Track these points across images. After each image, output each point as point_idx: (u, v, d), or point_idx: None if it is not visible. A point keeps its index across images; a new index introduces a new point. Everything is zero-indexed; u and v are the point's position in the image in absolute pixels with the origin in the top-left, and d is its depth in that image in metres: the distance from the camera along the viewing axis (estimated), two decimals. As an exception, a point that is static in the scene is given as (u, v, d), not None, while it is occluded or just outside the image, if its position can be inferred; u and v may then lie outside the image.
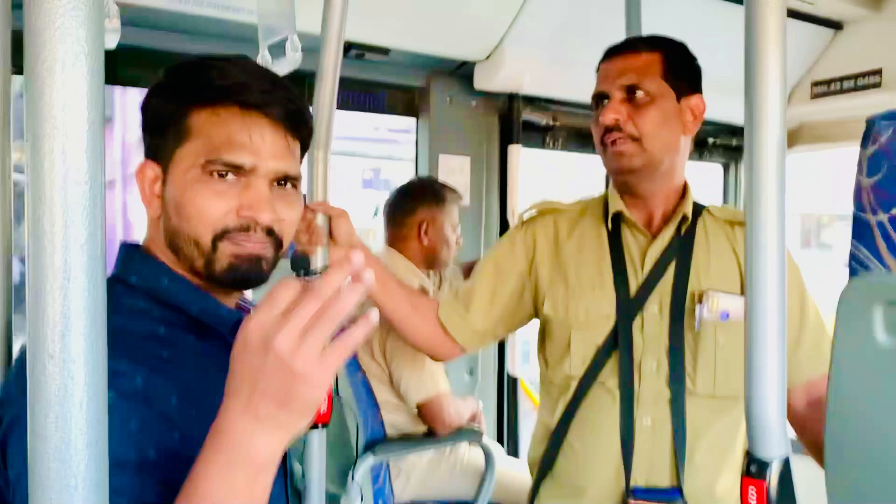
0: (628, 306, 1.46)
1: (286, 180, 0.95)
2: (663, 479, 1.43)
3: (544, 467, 1.54)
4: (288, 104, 0.93)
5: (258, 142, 0.91)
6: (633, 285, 1.47)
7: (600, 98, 1.47)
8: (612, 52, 1.49)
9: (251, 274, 0.92)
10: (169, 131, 0.91)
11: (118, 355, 0.76)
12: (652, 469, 1.43)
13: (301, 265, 0.86)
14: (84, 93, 0.50)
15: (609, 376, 1.46)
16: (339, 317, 0.64)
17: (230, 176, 0.90)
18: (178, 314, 0.90)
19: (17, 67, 1.07)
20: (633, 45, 1.47)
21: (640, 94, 1.42)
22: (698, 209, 1.52)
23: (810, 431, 1.44)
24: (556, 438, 1.52)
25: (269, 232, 0.92)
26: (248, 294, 1.08)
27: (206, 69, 0.91)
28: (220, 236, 0.90)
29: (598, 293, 1.49)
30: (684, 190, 1.52)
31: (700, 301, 1.43)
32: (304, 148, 1.00)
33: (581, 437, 1.49)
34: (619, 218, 1.51)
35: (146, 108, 0.95)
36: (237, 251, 0.91)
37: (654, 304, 1.46)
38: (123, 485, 0.71)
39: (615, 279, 1.48)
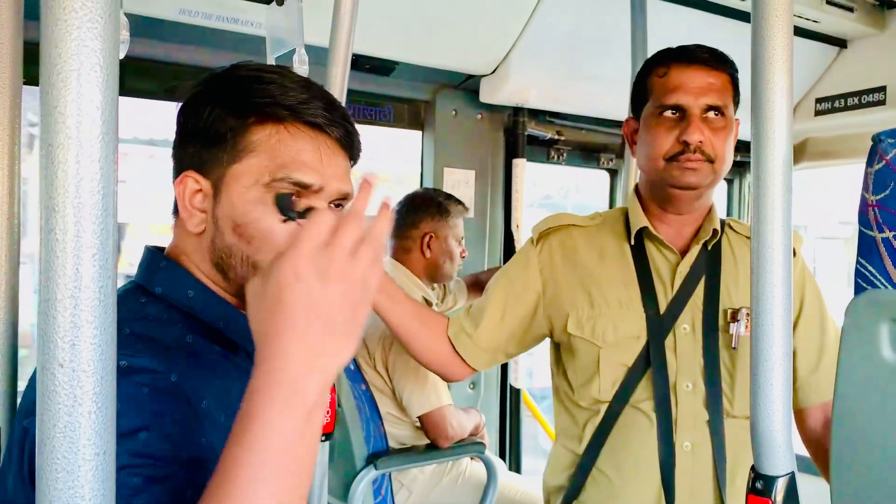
0: (659, 325, 1.41)
1: (342, 201, 0.92)
2: None
3: (570, 496, 1.47)
4: (347, 125, 0.91)
5: (326, 162, 0.88)
6: (663, 303, 1.42)
7: (673, 109, 1.39)
8: (688, 60, 1.41)
9: None
10: (224, 144, 0.86)
11: (150, 356, 0.76)
12: (694, 495, 1.38)
13: (285, 205, 0.83)
14: (98, 103, 0.51)
15: (643, 399, 1.40)
16: (382, 235, 0.67)
17: (293, 197, 0.86)
18: (202, 325, 0.88)
19: (28, 78, 1.08)
20: (708, 60, 1.40)
21: (718, 116, 1.38)
22: (721, 223, 1.49)
23: (826, 452, 1.40)
24: (585, 465, 1.45)
25: None
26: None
27: (267, 83, 0.87)
28: None
29: (625, 311, 1.43)
30: (710, 206, 1.49)
31: (735, 319, 1.39)
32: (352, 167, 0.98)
33: (615, 463, 1.42)
34: (642, 233, 1.46)
35: (192, 115, 0.88)
36: None
37: (685, 322, 1.41)
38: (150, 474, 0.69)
39: (643, 296, 1.43)
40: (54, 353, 0.51)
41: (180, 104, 0.90)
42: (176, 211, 0.90)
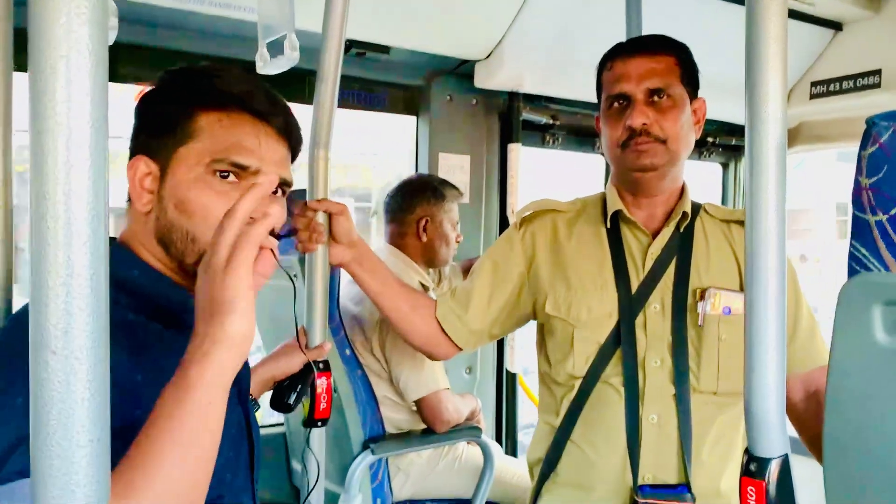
0: (630, 304, 1.47)
1: (280, 187, 1.02)
2: (670, 476, 1.44)
3: (547, 468, 1.54)
4: (289, 117, 1.01)
5: (265, 148, 0.97)
6: (635, 283, 1.49)
7: (619, 98, 1.47)
8: (628, 51, 1.49)
9: None
10: (172, 131, 0.95)
11: None
12: (659, 466, 1.44)
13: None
14: (88, 90, 0.50)
15: (613, 374, 1.47)
16: (255, 238, 0.76)
17: (231, 177, 0.95)
18: (145, 303, 0.93)
19: (19, 65, 1.08)
20: (650, 47, 1.48)
21: (664, 97, 1.44)
22: (695, 207, 1.54)
23: (808, 425, 1.46)
24: (560, 438, 1.52)
25: None
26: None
27: (213, 75, 0.97)
28: None
29: (599, 292, 1.50)
30: (682, 188, 1.54)
31: (702, 298, 1.44)
32: (292, 160, 1.07)
33: (586, 436, 1.49)
34: (617, 217, 1.52)
35: (146, 107, 0.99)
36: None
37: (655, 301, 1.47)
38: None
39: (616, 278, 1.49)
40: (47, 341, 0.51)
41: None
42: (129, 198, 0.98)
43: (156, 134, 0.96)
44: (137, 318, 0.91)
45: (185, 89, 0.97)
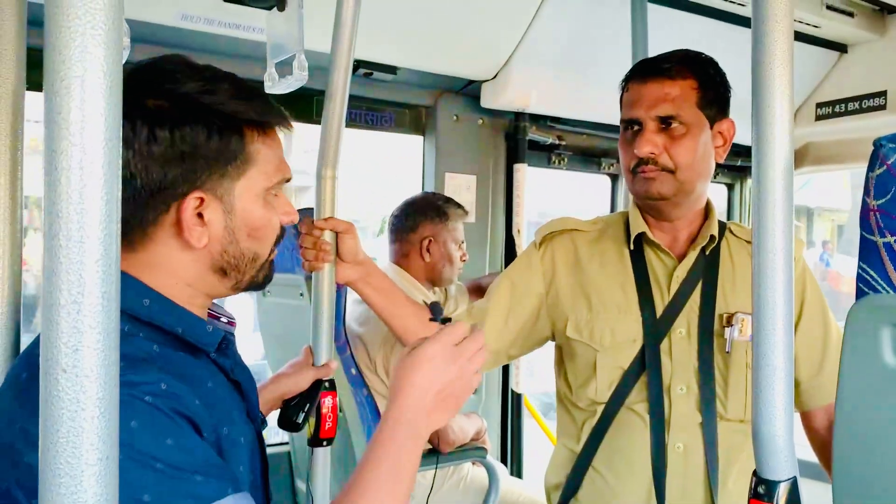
0: (655, 329, 1.43)
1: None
2: None
3: (567, 494, 1.50)
4: (285, 115, 1.01)
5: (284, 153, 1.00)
6: (660, 307, 1.44)
7: (630, 123, 1.43)
8: (645, 74, 1.44)
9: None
10: (230, 162, 0.91)
11: (133, 370, 0.79)
12: (685, 495, 1.40)
13: (438, 312, 1.13)
14: (102, 109, 0.51)
15: (637, 400, 1.43)
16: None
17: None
18: (161, 334, 0.90)
19: (31, 84, 1.09)
20: (667, 70, 1.41)
21: (675, 125, 1.38)
22: (721, 227, 1.50)
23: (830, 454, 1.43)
24: (581, 464, 1.47)
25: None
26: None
27: (250, 93, 0.94)
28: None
29: (623, 315, 1.46)
30: (707, 209, 1.49)
31: (729, 323, 1.40)
32: None
33: (609, 462, 1.45)
34: (641, 239, 1.48)
35: (168, 138, 0.88)
36: (273, 256, 1.02)
37: (681, 326, 1.43)
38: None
39: (640, 301, 1.45)
40: (57, 359, 0.52)
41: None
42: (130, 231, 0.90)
43: (207, 166, 0.90)
44: (162, 349, 0.88)
45: (213, 116, 0.90)
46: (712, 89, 1.43)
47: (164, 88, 0.89)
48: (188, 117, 0.88)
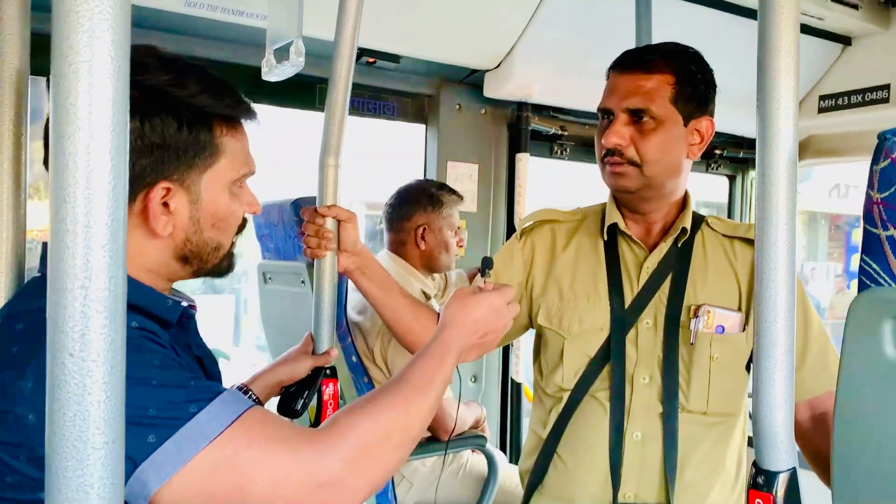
0: (622, 318, 1.45)
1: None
2: (652, 495, 1.41)
3: (535, 479, 1.52)
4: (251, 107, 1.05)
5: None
6: (628, 297, 1.46)
7: (605, 112, 1.43)
8: (624, 64, 1.44)
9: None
10: (198, 154, 0.94)
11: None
12: (641, 484, 1.41)
13: (488, 265, 1.25)
14: (109, 95, 0.51)
15: (601, 388, 1.44)
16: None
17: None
18: (133, 310, 0.91)
19: (35, 69, 1.09)
20: (645, 63, 1.40)
21: (646, 119, 1.38)
22: (697, 220, 1.50)
23: (814, 446, 1.42)
24: (547, 450, 1.50)
25: None
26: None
27: (217, 90, 0.96)
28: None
29: (592, 304, 1.48)
30: (684, 202, 1.50)
31: (696, 315, 1.41)
32: None
33: (571, 449, 1.47)
34: (615, 229, 1.49)
35: (150, 128, 0.90)
36: (234, 247, 1.06)
37: (648, 317, 1.44)
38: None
39: (610, 291, 1.47)
40: (64, 343, 0.52)
41: None
42: None
43: (175, 157, 0.92)
44: (139, 321, 0.90)
45: (184, 108, 0.92)
46: (690, 85, 1.40)
47: (135, 79, 0.88)
48: (159, 109, 0.90)
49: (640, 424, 1.42)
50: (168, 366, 0.86)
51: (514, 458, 2.98)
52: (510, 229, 2.87)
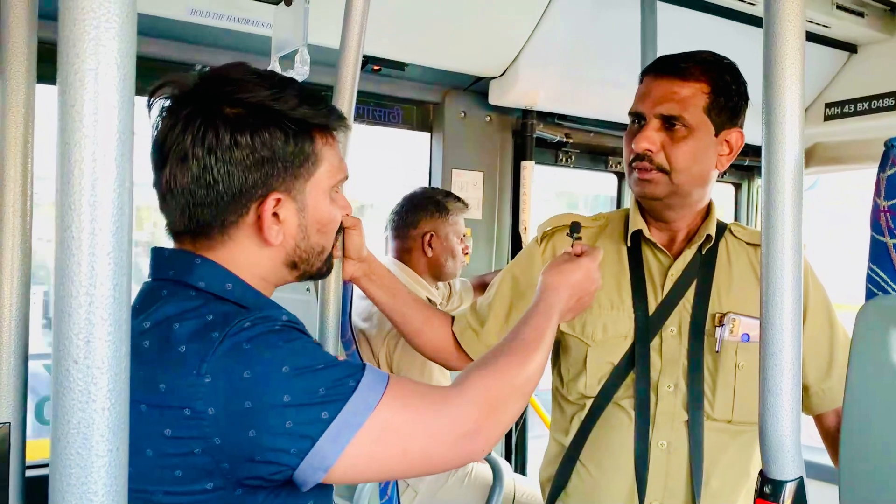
0: (647, 326, 1.44)
1: None
2: (678, 503, 1.41)
3: (557, 487, 1.51)
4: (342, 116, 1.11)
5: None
6: (653, 305, 1.45)
7: (636, 117, 1.42)
8: (659, 70, 1.42)
9: None
10: (302, 164, 1.00)
11: (262, 311, 0.94)
12: (667, 492, 1.41)
13: (576, 230, 1.33)
14: (115, 103, 0.51)
15: (625, 396, 1.44)
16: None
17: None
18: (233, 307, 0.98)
19: (41, 77, 1.09)
20: (681, 70, 1.39)
21: (678, 126, 1.36)
22: (721, 227, 1.49)
23: None
24: (570, 458, 1.49)
25: None
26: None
27: (314, 98, 1.00)
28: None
29: (616, 311, 1.47)
30: (708, 209, 1.49)
31: (721, 323, 1.40)
32: None
33: (595, 457, 1.46)
34: (639, 236, 1.49)
35: (260, 144, 0.95)
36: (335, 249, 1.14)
37: (673, 324, 1.43)
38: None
39: (634, 298, 1.46)
40: (69, 350, 0.52)
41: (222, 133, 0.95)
42: (209, 231, 0.99)
43: (283, 169, 0.98)
44: (299, 324, 1.00)
45: (288, 121, 0.97)
46: (724, 96, 1.39)
47: (238, 97, 0.95)
48: (266, 124, 0.95)
49: (665, 433, 1.41)
50: (320, 349, 0.95)
51: (520, 468, 2.97)
52: (515, 237, 2.87)
